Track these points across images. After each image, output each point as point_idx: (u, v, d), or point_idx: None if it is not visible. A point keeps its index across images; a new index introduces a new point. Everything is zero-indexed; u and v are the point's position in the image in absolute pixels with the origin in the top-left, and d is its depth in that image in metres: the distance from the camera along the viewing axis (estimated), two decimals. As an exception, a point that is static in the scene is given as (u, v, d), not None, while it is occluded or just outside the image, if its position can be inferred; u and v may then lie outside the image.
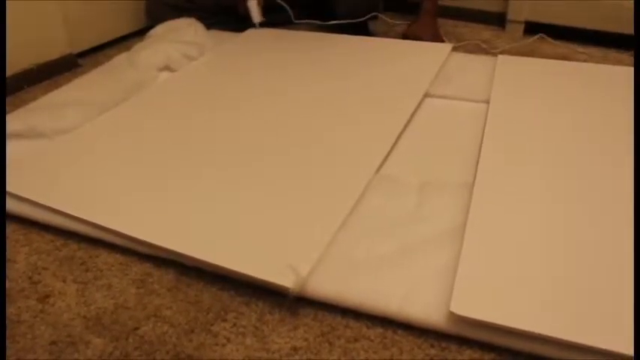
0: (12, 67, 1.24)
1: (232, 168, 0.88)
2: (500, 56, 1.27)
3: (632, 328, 0.56)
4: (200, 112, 1.07)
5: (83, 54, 1.45)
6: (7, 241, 0.78)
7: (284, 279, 0.64)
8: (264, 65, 1.28)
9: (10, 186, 0.83)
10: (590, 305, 0.60)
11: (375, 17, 1.53)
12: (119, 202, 0.80)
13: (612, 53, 1.39)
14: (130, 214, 0.78)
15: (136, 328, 0.64)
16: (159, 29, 1.41)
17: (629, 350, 0.54)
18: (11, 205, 0.82)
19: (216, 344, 0.61)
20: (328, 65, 1.27)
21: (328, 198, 0.79)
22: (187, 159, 0.91)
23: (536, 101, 1.06)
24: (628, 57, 1.38)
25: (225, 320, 0.64)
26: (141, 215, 0.77)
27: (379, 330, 0.62)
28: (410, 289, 0.64)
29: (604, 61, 1.34)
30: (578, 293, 0.62)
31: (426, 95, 1.11)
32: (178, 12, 1.46)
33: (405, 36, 1.47)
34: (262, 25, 1.47)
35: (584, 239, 0.70)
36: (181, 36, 1.36)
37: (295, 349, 0.61)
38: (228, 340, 0.62)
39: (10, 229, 0.80)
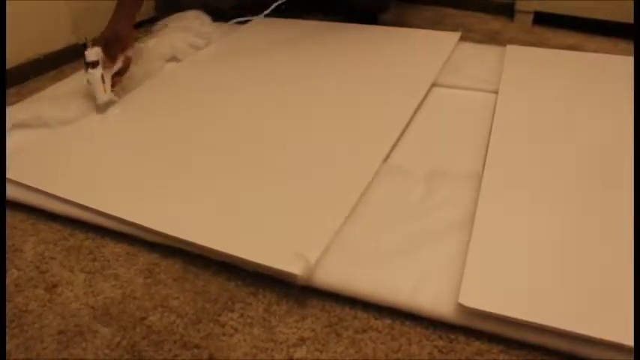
0: (18, 57, 1.24)
1: (238, 156, 0.88)
2: (508, 46, 1.25)
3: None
4: (205, 102, 1.07)
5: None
6: (15, 231, 0.78)
7: (292, 266, 0.64)
8: (271, 54, 1.27)
9: (16, 175, 0.83)
10: (598, 298, 0.60)
11: (388, 7, 1.52)
12: (125, 191, 0.80)
13: (622, 43, 1.37)
14: (136, 203, 0.78)
15: (144, 318, 0.64)
16: (165, 21, 1.41)
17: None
18: (17, 194, 0.82)
19: (224, 334, 0.61)
20: (335, 54, 1.26)
21: (336, 187, 0.79)
22: (193, 148, 0.91)
23: (545, 91, 1.05)
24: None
25: (232, 310, 0.64)
26: (147, 203, 0.77)
27: (387, 321, 0.62)
28: (418, 280, 0.63)
29: (613, 51, 1.33)
30: (586, 285, 0.61)
31: (434, 85, 1.10)
32: None
33: None
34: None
35: (593, 231, 0.69)
36: (188, 27, 1.36)
37: (303, 339, 0.60)
38: (236, 330, 0.62)
39: (18, 219, 0.80)
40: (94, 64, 1.00)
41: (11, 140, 0.94)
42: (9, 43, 1.17)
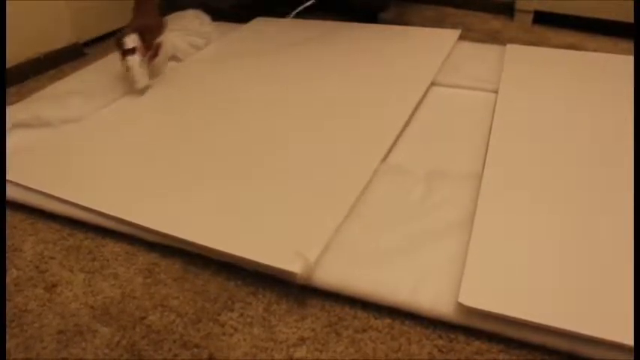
0: (18, 57, 1.24)
1: (238, 157, 0.88)
2: (508, 45, 1.25)
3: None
4: (205, 102, 1.06)
5: (89, 43, 1.45)
6: (14, 231, 0.78)
7: (292, 265, 0.64)
8: (270, 53, 1.27)
9: (16, 175, 0.83)
10: (598, 297, 0.60)
11: (388, 6, 1.52)
12: (125, 191, 0.80)
13: (622, 43, 1.37)
14: (135, 202, 0.77)
15: (143, 318, 0.64)
16: (165, 21, 1.41)
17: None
18: (17, 194, 0.82)
19: (224, 334, 0.61)
20: (334, 53, 1.26)
21: (334, 186, 0.79)
22: (193, 148, 0.91)
23: (545, 91, 1.05)
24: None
25: (232, 310, 0.64)
26: (147, 203, 0.77)
27: (387, 320, 0.62)
28: (418, 279, 0.63)
29: (614, 50, 1.33)
30: (586, 285, 0.61)
31: (435, 84, 1.10)
32: None
33: None
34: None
35: (593, 231, 0.69)
36: (187, 26, 1.35)
37: (302, 339, 0.60)
38: (236, 329, 0.62)
39: (17, 219, 0.80)
40: (131, 51, 1.05)
41: (11, 140, 0.94)
42: (9, 42, 1.17)
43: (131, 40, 1.05)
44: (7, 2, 1.12)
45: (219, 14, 1.46)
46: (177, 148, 0.91)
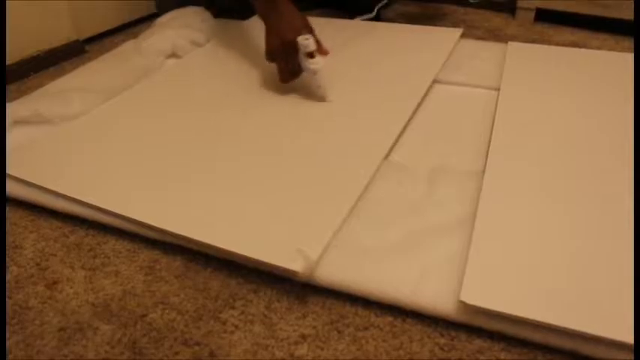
0: (18, 54, 1.23)
1: (240, 154, 0.87)
2: (510, 43, 1.25)
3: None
4: (206, 99, 1.06)
5: (89, 40, 1.44)
6: (15, 228, 0.78)
7: (293, 263, 0.63)
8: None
9: (17, 171, 0.83)
10: (601, 295, 0.59)
11: (389, 4, 1.52)
12: (126, 188, 0.80)
13: (624, 41, 1.37)
14: (137, 200, 0.77)
15: (144, 315, 0.64)
16: (166, 17, 1.41)
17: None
18: (18, 191, 0.82)
19: (225, 332, 0.61)
20: (336, 51, 1.25)
21: (336, 184, 0.79)
22: (194, 145, 0.90)
23: (548, 89, 1.04)
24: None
25: (233, 308, 0.64)
26: (148, 201, 0.77)
27: (388, 318, 0.62)
28: (419, 277, 0.63)
29: (616, 48, 1.32)
30: (589, 283, 0.61)
31: (436, 81, 1.10)
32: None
33: None
34: None
35: (596, 229, 0.69)
36: (188, 23, 1.35)
37: (304, 336, 0.60)
38: (237, 327, 0.62)
39: (18, 216, 0.80)
40: (312, 54, 0.94)
41: (11, 137, 0.94)
42: (9, 39, 1.16)
43: (312, 43, 0.93)
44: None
45: (220, 11, 1.46)
46: (178, 145, 0.91)
